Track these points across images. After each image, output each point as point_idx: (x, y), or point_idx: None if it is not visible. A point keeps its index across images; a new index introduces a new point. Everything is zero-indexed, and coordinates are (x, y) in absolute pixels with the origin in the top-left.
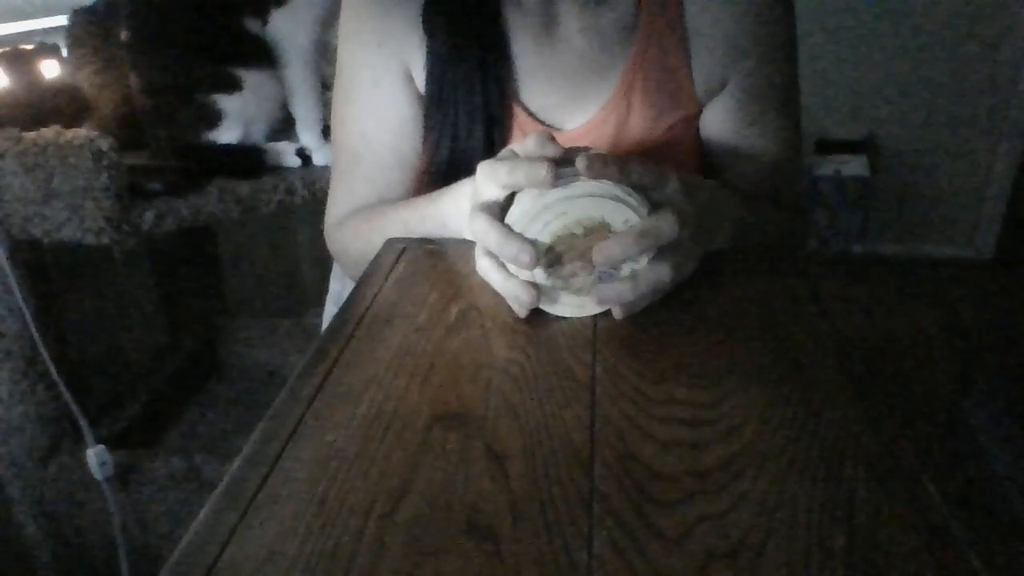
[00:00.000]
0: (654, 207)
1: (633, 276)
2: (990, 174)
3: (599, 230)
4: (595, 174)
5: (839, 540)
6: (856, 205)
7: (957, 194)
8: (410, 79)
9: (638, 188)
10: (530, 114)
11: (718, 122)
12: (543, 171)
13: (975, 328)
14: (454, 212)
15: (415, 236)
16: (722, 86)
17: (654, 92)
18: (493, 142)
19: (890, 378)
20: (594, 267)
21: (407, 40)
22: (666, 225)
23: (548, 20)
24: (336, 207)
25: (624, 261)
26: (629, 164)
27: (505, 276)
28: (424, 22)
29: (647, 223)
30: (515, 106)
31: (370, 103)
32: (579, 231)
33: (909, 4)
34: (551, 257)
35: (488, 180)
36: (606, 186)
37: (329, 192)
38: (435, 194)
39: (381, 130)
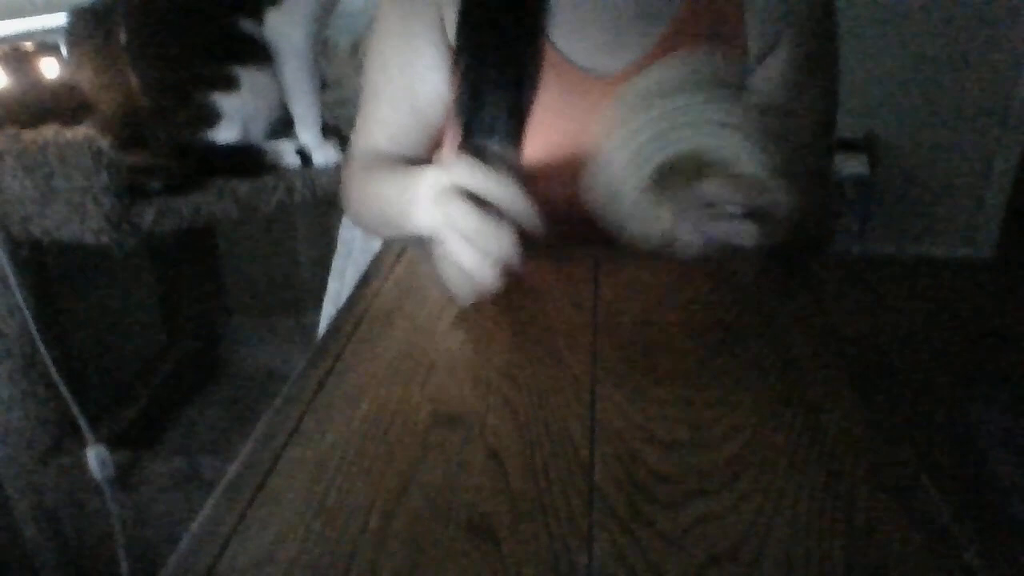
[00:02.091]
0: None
1: (715, 216)
2: (990, 174)
3: (710, 169)
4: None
5: (839, 540)
6: (856, 205)
7: (957, 194)
8: (443, 29)
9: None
10: (563, 55)
11: (766, 84)
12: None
13: (975, 328)
14: (415, 194)
15: (389, 212)
16: (773, 47)
17: (704, 45)
18: (521, 84)
19: (890, 378)
20: (684, 203)
21: None
22: (781, 196)
23: None
24: (355, 149)
25: (727, 202)
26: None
27: (482, 216)
28: None
29: (764, 182)
30: (548, 46)
31: (398, 49)
32: (696, 158)
33: (909, 3)
34: (660, 176)
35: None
36: (742, 126)
37: (352, 134)
38: (414, 169)
39: (405, 77)
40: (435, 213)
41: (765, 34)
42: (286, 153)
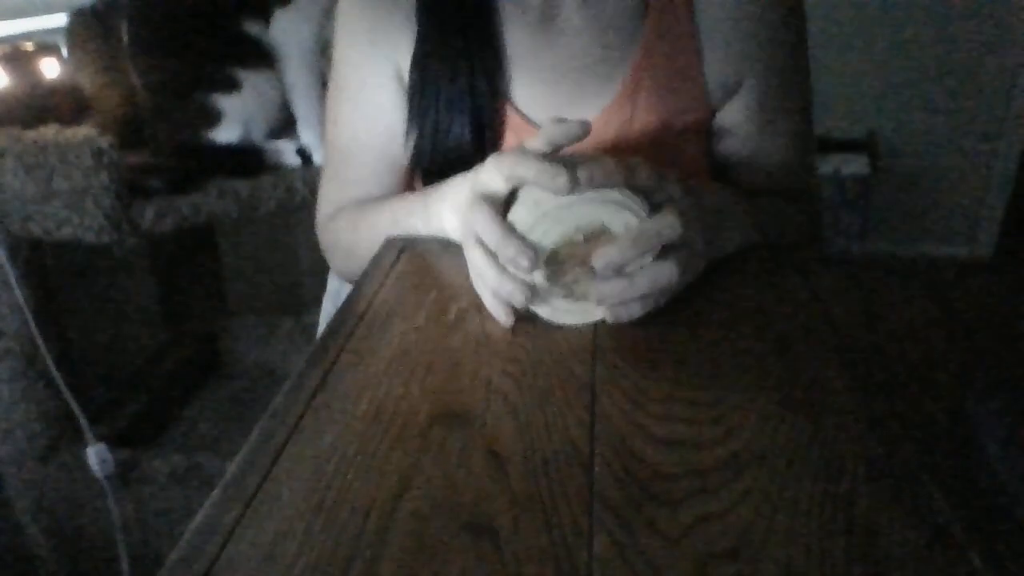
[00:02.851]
0: (655, 209)
1: (632, 274)
2: (990, 174)
3: (600, 235)
4: (598, 184)
5: (839, 540)
6: (856, 205)
7: (957, 194)
8: (401, 80)
9: (639, 191)
10: (523, 116)
11: (734, 124)
12: (560, 178)
13: (975, 328)
14: (439, 209)
15: (402, 232)
16: (738, 85)
17: (663, 93)
18: (483, 145)
19: (890, 378)
20: (595, 273)
21: (401, 38)
22: (666, 224)
23: (546, 14)
24: (327, 203)
25: (625, 264)
26: (634, 168)
27: (499, 271)
28: (416, 12)
29: (646, 224)
30: (507, 107)
31: (361, 103)
32: (579, 237)
33: (909, 3)
34: (553, 265)
35: (493, 169)
36: (606, 191)
37: (319, 188)
38: (428, 188)
39: (371, 131)
40: (463, 225)
41: (725, 75)
42: (286, 153)
